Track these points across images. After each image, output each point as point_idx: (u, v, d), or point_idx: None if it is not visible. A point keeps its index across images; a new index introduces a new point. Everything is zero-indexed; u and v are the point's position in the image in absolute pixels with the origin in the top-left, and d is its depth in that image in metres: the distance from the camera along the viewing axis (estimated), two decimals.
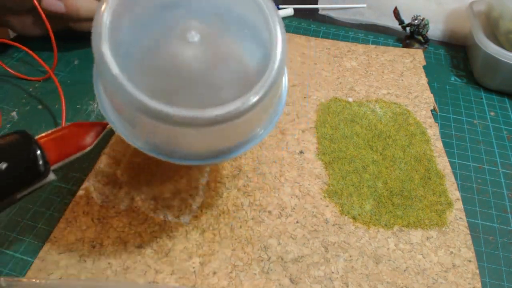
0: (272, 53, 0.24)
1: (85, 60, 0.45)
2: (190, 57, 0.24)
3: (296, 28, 0.54)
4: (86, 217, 0.31)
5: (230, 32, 0.26)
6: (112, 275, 0.28)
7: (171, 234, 0.30)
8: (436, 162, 0.37)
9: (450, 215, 0.33)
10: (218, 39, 0.25)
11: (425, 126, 0.41)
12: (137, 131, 0.25)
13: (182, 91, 0.24)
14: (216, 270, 0.28)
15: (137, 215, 0.31)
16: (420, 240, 0.31)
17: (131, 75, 0.22)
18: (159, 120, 0.22)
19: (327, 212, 0.32)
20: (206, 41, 0.24)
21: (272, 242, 0.30)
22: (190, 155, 0.25)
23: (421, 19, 0.51)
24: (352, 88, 0.44)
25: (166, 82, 0.24)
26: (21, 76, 0.41)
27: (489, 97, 0.46)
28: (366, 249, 0.30)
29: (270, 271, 0.29)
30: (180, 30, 0.24)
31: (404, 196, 0.34)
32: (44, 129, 0.37)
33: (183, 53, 0.24)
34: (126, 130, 0.25)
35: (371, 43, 0.53)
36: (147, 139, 0.25)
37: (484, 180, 0.37)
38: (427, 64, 0.50)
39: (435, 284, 0.29)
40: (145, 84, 0.22)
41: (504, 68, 0.44)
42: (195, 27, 0.24)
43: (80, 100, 0.40)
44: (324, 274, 0.29)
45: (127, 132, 0.25)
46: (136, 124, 0.24)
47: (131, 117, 0.24)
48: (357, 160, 0.37)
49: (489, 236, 0.32)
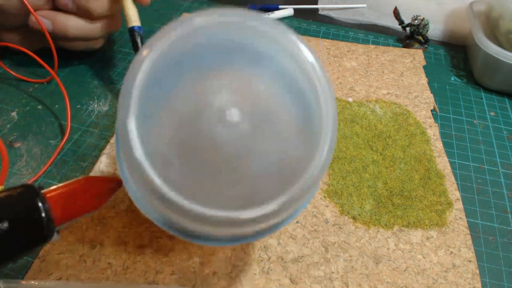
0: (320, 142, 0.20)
1: (85, 60, 0.45)
2: (226, 139, 0.20)
3: (296, 28, 0.54)
4: (86, 217, 0.31)
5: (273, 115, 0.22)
6: (112, 275, 0.28)
7: (171, 234, 0.30)
8: (436, 162, 0.37)
9: (450, 215, 0.33)
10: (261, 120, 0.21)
11: (425, 126, 0.41)
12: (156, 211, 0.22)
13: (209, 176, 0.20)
14: (216, 270, 0.28)
15: (137, 215, 0.31)
16: (420, 240, 0.31)
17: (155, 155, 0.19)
18: (181, 215, 0.19)
19: (327, 212, 0.32)
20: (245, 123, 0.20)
21: (272, 242, 0.30)
22: (212, 237, 0.23)
23: (421, 19, 0.51)
24: (352, 88, 0.44)
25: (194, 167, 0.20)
26: (23, 78, 0.41)
27: (489, 97, 0.46)
28: (366, 249, 0.30)
29: (270, 271, 0.29)
30: (218, 107, 0.20)
31: (404, 196, 0.34)
32: (44, 129, 0.37)
33: (219, 135, 0.20)
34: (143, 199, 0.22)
35: (371, 43, 0.53)
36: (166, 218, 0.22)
37: (484, 180, 0.37)
38: (427, 64, 0.50)
39: (435, 284, 0.29)
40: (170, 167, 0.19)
41: (504, 68, 0.44)
42: (237, 103, 0.20)
43: (80, 100, 0.40)
44: (324, 274, 0.29)
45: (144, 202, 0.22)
46: (156, 208, 0.21)
47: (150, 201, 0.21)
48: (357, 160, 0.37)
49: (489, 236, 0.32)
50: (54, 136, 0.37)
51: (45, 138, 0.36)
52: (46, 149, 0.35)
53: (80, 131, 0.37)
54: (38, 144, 0.36)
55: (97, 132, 0.37)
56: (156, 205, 0.20)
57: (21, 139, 0.36)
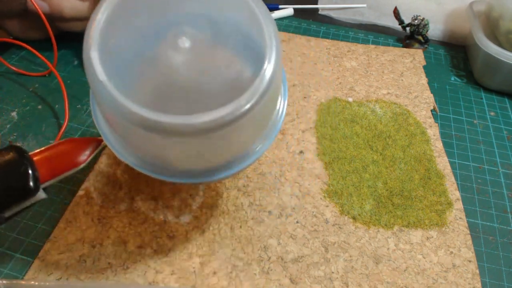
0: (265, 60, 0.22)
1: None
2: (180, 63, 0.23)
3: (296, 28, 0.54)
4: (86, 217, 0.31)
5: (223, 39, 0.25)
6: (112, 275, 0.28)
7: (171, 234, 0.30)
8: (436, 162, 0.37)
9: (450, 215, 0.33)
10: (211, 45, 0.24)
11: (425, 126, 0.41)
12: (127, 143, 0.24)
13: (172, 99, 0.23)
14: (216, 270, 0.28)
15: (137, 215, 0.31)
16: (420, 240, 0.31)
17: (119, 82, 0.21)
18: (144, 127, 0.21)
19: (327, 212, 0.32)
20: (197, 47, 0.23)
21: (272, 242, 0.30)
22: (182, 172, 0.24)
23: (421, 19, 0.51)
24: (352, 88, 0.44)
25: (156, 89, 0.23)
26: (22, 72, 0.42)
27: (489, 97, 0.46)
28: (366, 249, 0.30)
29: (270, 271, 0.29)
30: (171, 36, 0.23)
31: (404, 196, 0.34)
32: (44, 129, 0.37)
33: (173, 60, 0.23)
34: (118, 143, 0.24)
35: (371, 43, 0.53)
36: (138, 154, 0.24)
37: (484, 180, 0.37)
38: (427, 64, 0.50)
39: (435, 284, 0.29)
40: (135, 92, 0.22)
41: (504, 68, 0.44)
42: (186, 33, 0.23)
43: (80, 100, 0.40)
44: (324, 274, 0.29)
45: (119, 146, 0.24)
46: (125, 136, 0.23)
47: (119, 127, 0.23)
48: (357, 160, 0.37)
49: (489, 236, 0.32)
50: (54, 136, 0.37)
51: (45, 138, 0.36)
52: None
53: (80, 131, 0.37)
54: (38, 144, 0.36)
55: (97, 132, 0.37)
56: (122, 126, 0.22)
57: (21, 139, 0.36)
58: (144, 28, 0.24)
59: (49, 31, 0.39)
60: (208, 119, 0.20)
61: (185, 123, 0.20)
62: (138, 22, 0.24)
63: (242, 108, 0.21)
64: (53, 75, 0.42)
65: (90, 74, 0.21)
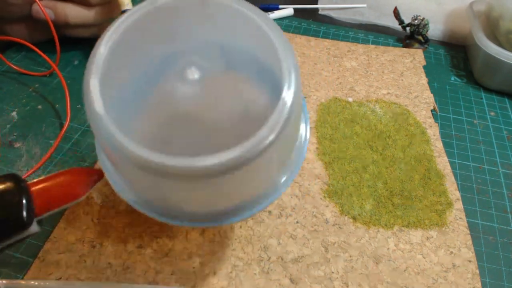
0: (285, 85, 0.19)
1: (85, 60, 0.45)
2: (188, 95, 0.21)
3: (296, 28, 0.54)
4: (86, 217, 0.31)
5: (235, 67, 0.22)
6: (112, 275, 0.28)
7: (171, 234, 0.30)
8: (436, 162, 0.37)
9: (450, 215, 0.33)
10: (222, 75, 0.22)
11: (425, 126, 0.41)
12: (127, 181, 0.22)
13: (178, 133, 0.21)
14: (216, 270, 0.28)
15: (137, 215, 0.31)
16: (420, 240, 0.31)
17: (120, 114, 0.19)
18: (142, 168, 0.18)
19: (327, 212, 0.32)
20: (207, 78, 0.21)
21: (272, 242, 0.30)
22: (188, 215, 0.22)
23: (421, 19, 0.51)
24: (352, 88, 0.44)
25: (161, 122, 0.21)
26: (24, 71, 0.42)
27: (489, 97, 0.46)
28: (366, 249, 0.30)
29: (270, 271, 0.29)
30: (179, 67, 0.21)
31: (404, 196, 0.34)
32: (44, 129, 0.37)
33: (180, 92, 0.21)
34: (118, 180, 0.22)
35: (371, 43, 0.53)
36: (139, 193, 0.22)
37: (484, 180, 0.37)
38: (427, 64, 0.50)
39: (435, 284, 0.29)
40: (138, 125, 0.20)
41: (504, 68, 0.44)
42: (196, 63, 0.21)
43: (80, 100, 0.40)
44: (324, 274, 0.29)
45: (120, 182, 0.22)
46: (124, 173, 0.21)
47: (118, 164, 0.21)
48: (357, 160, 0.37)
49: (489, 236, 0.32)
50: (54, 136, 0.37)
51: (45, 138, 0.36)
52: (46, 149, 0.35)
53: (80, 131, 0.37)
54: (38, 144, 0.36)
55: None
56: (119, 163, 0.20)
57: (21, 139, 0.36)
58: (152, 57, 0.22)
59: (55, 37, 0.39)
60: (215, 162, 0.17)
61: (187, 166, 0.17)
62: (145, 50, 0.22)
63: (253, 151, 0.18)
64: (53, 75, 0.42)
65: (88, 105, 0.19)
